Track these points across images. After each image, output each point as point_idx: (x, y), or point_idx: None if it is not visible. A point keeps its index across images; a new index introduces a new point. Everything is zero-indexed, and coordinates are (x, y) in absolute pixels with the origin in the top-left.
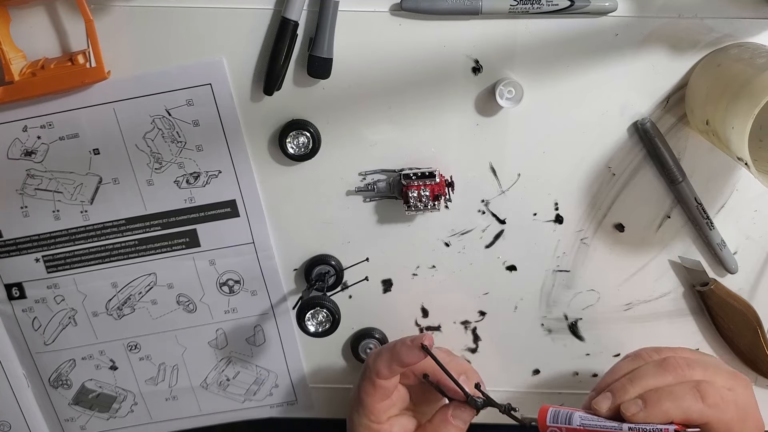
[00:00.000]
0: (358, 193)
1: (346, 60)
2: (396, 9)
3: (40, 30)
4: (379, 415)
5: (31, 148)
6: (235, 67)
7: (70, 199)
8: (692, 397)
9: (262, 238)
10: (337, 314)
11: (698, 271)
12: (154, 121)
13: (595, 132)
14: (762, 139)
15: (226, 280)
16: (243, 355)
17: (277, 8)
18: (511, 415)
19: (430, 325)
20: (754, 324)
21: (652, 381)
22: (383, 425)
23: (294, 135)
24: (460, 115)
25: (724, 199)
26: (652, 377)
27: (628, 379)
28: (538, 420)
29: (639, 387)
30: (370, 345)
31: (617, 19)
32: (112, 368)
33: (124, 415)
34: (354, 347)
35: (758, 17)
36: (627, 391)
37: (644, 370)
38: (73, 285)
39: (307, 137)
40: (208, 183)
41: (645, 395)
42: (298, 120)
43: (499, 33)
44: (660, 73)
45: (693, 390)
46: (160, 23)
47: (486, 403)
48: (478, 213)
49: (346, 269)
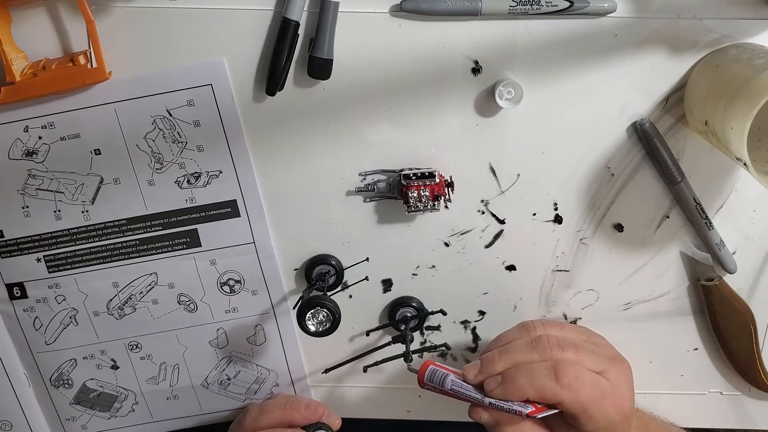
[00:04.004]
0: (358, 193)
1: (347, 61)
2: (396, 10)
3: (41, 30)
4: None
5: (33, 149)
6: (237, 67)
7: (71, 199)
8: (546, 376)
9: (262, 238)
10: (338, 314)
11: (706, 265)
12: (155, 122)
13: (594, 132)
14: (761, 139)
15: (226, 279)
16: (243, 354)
17: (277, 9)
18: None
19: (430, 324)
20: (750, 328)
21: (519, 356)
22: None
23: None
24: (460, 115)
25: (723, 199)
26: (520, 353)
27: (498, 352)
28: (418, 375)
29: (505, 361)
30: (407, 313)
31: (616, 19)
32: (113, 368)
33: (125, 414)
34: (391, 316)
35: (757, 18)
36: (493, 363)
37: (516, 345)
38: (74, 285)
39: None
40: (208, 183)
41: (505, 372)
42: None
43: (498, 34)
44: (659, 74)
45: (549, 368)
46: (161, 24)
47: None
48: (477, 213)
49: (347, 269)
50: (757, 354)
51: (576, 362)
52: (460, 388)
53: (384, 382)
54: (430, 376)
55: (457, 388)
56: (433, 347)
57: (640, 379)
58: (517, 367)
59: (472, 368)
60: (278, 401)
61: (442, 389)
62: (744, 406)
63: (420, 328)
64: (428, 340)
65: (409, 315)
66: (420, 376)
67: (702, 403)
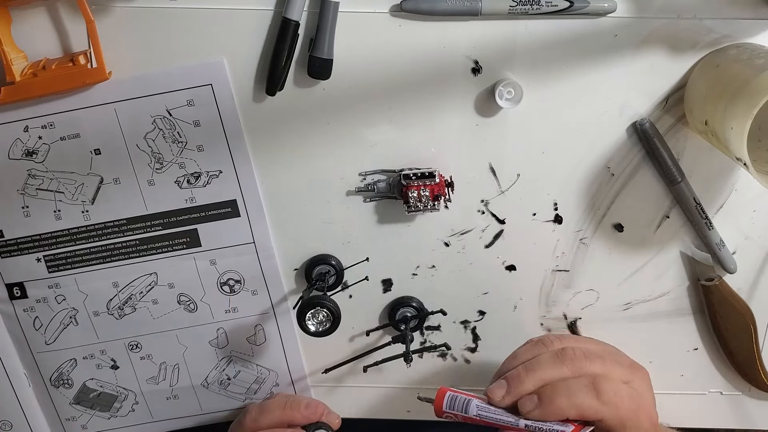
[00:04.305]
0: (358, 193)
1: (347, 61)
2: (396, 10)
3: (41, 30)
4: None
5: (33, 148)
6: (237, 67)
7: (71, 199)
8: (587, 394)
9: (262, 238)
10: (338, 314)
11: (706, 265)
12: (155, 122)
13: (594, 132)
14: (761, 139)
15: (226, 279)
16: (243, 354)
17: (277, 9)
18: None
19: (430, 324)
20: (750, 328)
21: (548, 372)
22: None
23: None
24: (460, 115)
25: (723, 199)
26: (548, 368)
27: (524, 368)
28: (435, 404)
29: (534, 378)
30: (407, 313)
31: (616, 19)
32: (113, 368)
33: (125, 414)
34: (391, 316)
35: (757, 18)
36: (522, 382)
37: (542, 360)
38: (74, 285)
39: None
40: (208, 183)
41: (540, 391)
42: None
43: (498, 34)
44: (659, 74)
45: (588, 386)
46: (161, 24)
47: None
48: (477, 213)
49: (347, 269)
50: (757, 354)
51: (611, 377)
52: (488, 413)
53: (384, 382)
54: (450, 404)
55: (485, 413)
56: (433, 347)
57: None
58: (552, 385)
59: (498, 389)
60: (278, 401)
61: (466, 416)
62: (744, 406)
63: (420, 328)
64: (428, 340)
65: (409, 315)
66: (437, 405)
67: (702, 403)
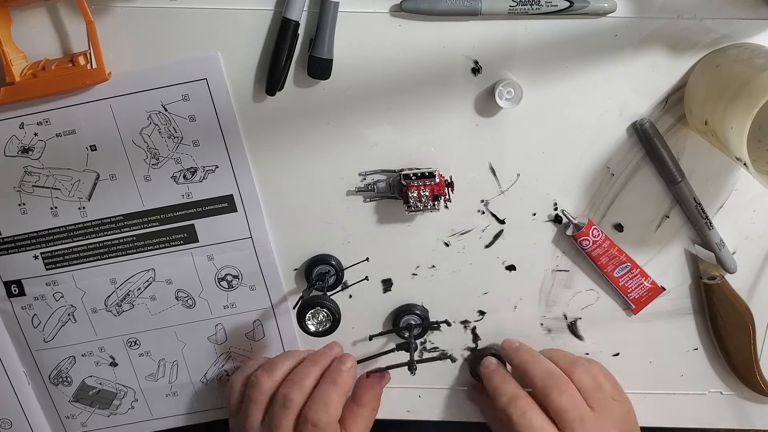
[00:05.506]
0: (358, 193)
1: (346, 61)
2: (396, 10)
3: (41, 31)
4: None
5: (28, 145)
6: (237, 67)
7: (67, 195)
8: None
9: (259, 233)
10: (338, 314)
11: (709, 263)
12: (151, 117)
13: (594, 132)
14: (761, 139)
15: (224, 275)
16: (242, 350)
17: (277, 9)
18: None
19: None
20: (749, 329)
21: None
22: None
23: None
24: (460, 115)
25: (723, 199)
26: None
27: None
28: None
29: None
30: (411, 321)
31: (616, 19)
32: (112, 365)
33: (124, 411)
34: (395, 322)
35: (757, 18)
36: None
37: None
38: (71, 282)
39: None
40: (205, 178)
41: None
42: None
43: (498, 34)
44: (659, 74)
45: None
46: (161, 24)
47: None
48: (477, 213)
49: (347, 269)
50: (754, 356)
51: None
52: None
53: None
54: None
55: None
56: (438, 357)
57: (640, 379)
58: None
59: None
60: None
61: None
62: (744, 406)
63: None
64: (428, 340)
65: (414, 323)
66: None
67: (702, 403)
